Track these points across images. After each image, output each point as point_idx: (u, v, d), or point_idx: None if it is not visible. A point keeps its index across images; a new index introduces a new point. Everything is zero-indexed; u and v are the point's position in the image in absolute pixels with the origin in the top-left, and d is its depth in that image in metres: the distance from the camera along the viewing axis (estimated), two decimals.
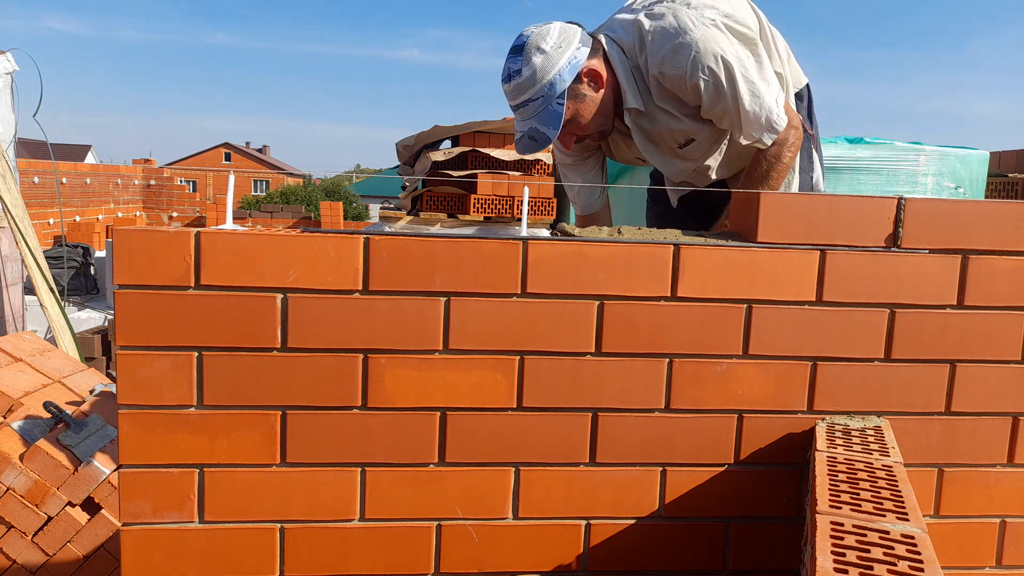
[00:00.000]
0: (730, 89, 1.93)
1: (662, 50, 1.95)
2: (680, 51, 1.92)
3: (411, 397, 1.37)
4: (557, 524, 1.43)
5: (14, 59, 5.87)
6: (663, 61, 1.96)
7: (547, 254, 1.36)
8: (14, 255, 5.82)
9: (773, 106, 1.98)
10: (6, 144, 5.60)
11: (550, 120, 2.01)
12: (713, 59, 1.91)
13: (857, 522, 1.10)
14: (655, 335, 1.40)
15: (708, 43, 1.91)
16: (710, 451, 1.44)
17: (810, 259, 1.41)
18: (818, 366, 1.44)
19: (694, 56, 1.91)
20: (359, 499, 1.39)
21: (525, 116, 2.04)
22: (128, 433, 1.31)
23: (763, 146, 2.03)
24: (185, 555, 1.36)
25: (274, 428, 1.35)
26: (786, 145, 2.04)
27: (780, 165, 2.05)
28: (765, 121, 1.97)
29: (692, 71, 1.92)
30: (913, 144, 3.64)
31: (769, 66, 2.03)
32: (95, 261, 9.25)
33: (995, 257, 1.44)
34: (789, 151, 2.05)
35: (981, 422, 1.50)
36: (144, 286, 1.28)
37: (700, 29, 1.92)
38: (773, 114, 1.98)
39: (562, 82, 1.97)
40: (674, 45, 1.93)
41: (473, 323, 1.36)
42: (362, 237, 1.32)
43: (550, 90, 1.97)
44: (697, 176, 2.29)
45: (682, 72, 1.94)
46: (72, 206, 12.92)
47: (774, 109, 1.98)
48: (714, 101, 1.96)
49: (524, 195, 2.58)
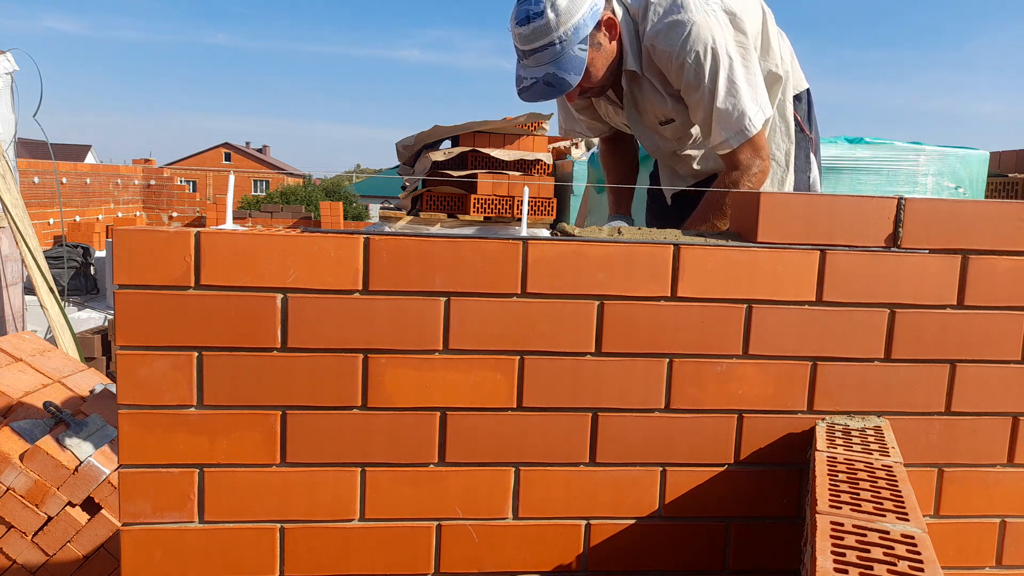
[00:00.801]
0: (710, 82, 1.92)
1: (660, 23, 1.94)
2: (675, 29, 1.92)
3: (411, 397, 1.37)
4: (557, 524, 1.43)
5: (14, 59, 5.87)
6: (658, 34, 1.95)
7: (547, 254, 1.36)
8: (14, 255, 5.82)
9: (748, 109, 1.93)
10: (6, 144, 5.60)
11: (571, 66, 1.95)
12: (703, 46, 1.90)
13: (857, 522, 1.10)
14: (655, 335, 1.40)
15: (704, 30, 1.90)
16: (710, 451, 1.44)
17: (810, 259, 1.41)
18: (818, 366, 1.44)
19: (686, 37, 1.90)
20: (359, 499, 1.39)
21: (541, 62, 1.96)
22: (128, 433, 1.31)
23: (729, 149, 1.97)
24: (185, 555, 1.36)
25: (274, 428, 1.35)
26: (748, 173, 1.98)
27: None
28: (736, 121, 1.93)
29: (680, 51, 1.91)
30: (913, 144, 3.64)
31: (758, 72, 2.00)
32: (95, 261, 9.25)
33: (995, 257, 1.44)
34: (749, 182, 1.99)
35: (981, 422, 1.50)
36: (144, 286, 1.28)
37: (701, 14, 1.91)
38: (746, 118, 1.93)
39: (585, 27, 1.92)
40: (672, 21, 1.92)
41: (473, 323, 1.36)
42: (362, 237, 1.32)
43: (573, 34, 1.92)
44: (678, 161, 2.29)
45: (671, 50, 1.93)
46: (72, 206, 12.92)
47: (748, 113, 1.93)
48: (692, 87, 1.95)
49: (524, 195, 2.58)
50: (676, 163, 2.29)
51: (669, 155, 2.28)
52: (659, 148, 2.25)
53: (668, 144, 2.22)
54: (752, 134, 1.95)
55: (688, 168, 2.29)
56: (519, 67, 2.03)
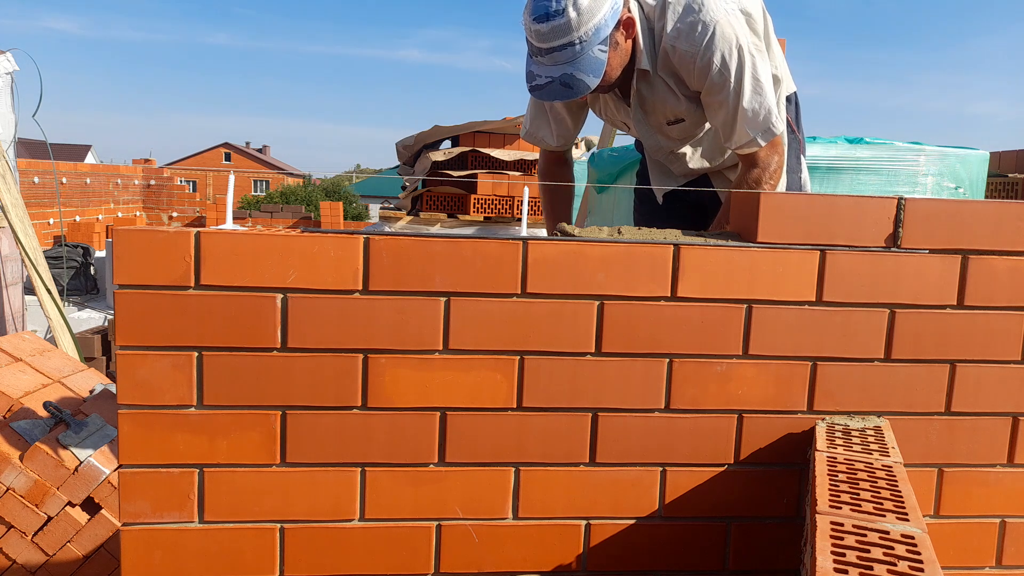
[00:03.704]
0: (735, 82, 1.90)
1: (681, 23, 1.91)
2: (697, 29, 1.89)
3: (411, 397, 1.37)
4: (557, 524, 1.43)
5: (14, 59, 5.87)
6: (679, 35, 1.92)
7: (547, 254, 1.36)
8: (14, 255, 5.82)
9: (773, 107, 1.94)
10: (6, 144, 5.60)
11: (591, 67, 1.89)
12: (727, 46, 1.88)
13: (857, 522, 1.10)
14: (655, 335, 1.40)
15: (727, 29, 1.88)
16: (710, 451, 1.44)
17: (810, 259, 1.41)
18: (818, 366, 1.44)
19: (711, 37, 1.88)
20: (359, 499, 1.39)
21: (557, 61, 1.89)
22: (128, 433, 1.31)
23: (756, 148, 1.97)
24: (185, 555, 1.36)
25: (274, 428, 1.35)
26: (768, 171, 1.99)
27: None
28: (764, 120, 1.94)
29: (705, 52, 1.89)
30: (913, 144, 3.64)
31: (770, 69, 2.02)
32: (95, 261, 9.26)
33: (995, 257, 1.44)
34: (770, 180, 1.99)
35: (981, 422, 1.50)
36: (144, 286, 1.28)
37: (722, 13, 1.89)
38: (772, 115, 1.94)
39: (606, 27, 1.86)
40: (692, 21, 1.89)
41: (473, 323, 1.36)
42: (362, 237, 1.32)
43: (594, 35, 1.85)
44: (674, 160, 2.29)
45: (694, 50, 1.91)
46: (72, 206, 12.92)
47: (773, 111, 1.94)
48: (716, 88, 1.93)
49: (524, 195, 2.58)
50: (672, 162, 2.29)
51: (667, 153, 2.27)
52: (660, 147, 2.25)
53: (670, 143, 2.22)
54: (779, 132, 1.96)
55: (683, 167, 2.29)
56: (531, 63, 1.96)
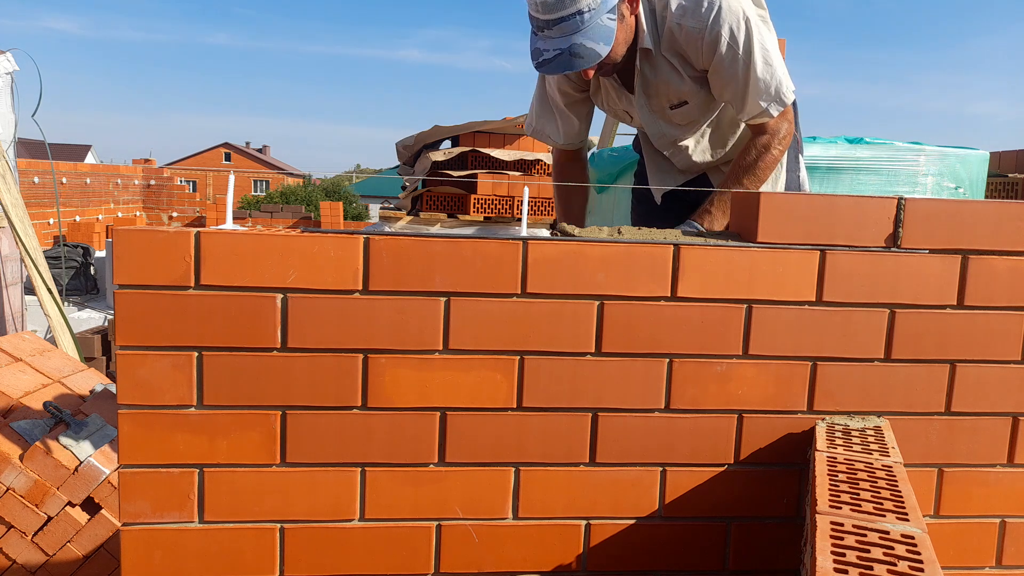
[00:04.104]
0: (744, 55, 1.91)
1: (686, 1, 1.92)
2: (703, 6, 1.90)
3: (411, 397, 1.37)
4: (557, 524, 1.43)
5: (14, 59, 5.87)
6: (684, 12, 1.93)
7: (547, 254, 1.36)
8: (14, 255, 5.82)
9: (783, 77, 1.95)
10: (6, 144, 5.60)
11: (600, 35, 1.88)
12: (735, 18, 1.89)
13: (857, 522, 1.10)
14: (655, 335, 1.40)
15: (732, 2, 1.89)
16: (710, 451, 1.44)
17: (810, 259, 1.41)
18: (818, 366, 1.44)
19: (717, 12, 1.89)
20: (359, 499, 1.39)
21: (565, 32, 1.89)
22: (128, 433, 1.31)
23: (768, 118, 1.98)
24: (185, 555, 1.36)
25: (274, 428, 1.35)
26: (777, 136, 2.01)
27: (769, 156, 2.01)
28: (775, 91, 1.94)
29: (713, 26, 1.90)
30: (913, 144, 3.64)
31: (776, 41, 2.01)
32: (95, 261, 9.26)
33: (995, 257, 1.44)
34: (779, 145, 2.02)
35: (981, 422, 1.50)
36: (144, 286, 1.28)
37: None
38: (783, 85, 1.95)
39: None
40: None
41: (473, 323, 1.36)
42: (362, 237, 1.32)
43: (603, 3, 1.86)
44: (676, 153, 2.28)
45: (702, 26, 1.91)
46: (72, 206, 12.92)
47: (784, 80, 1.95)
48: (725, 62, 1.93)
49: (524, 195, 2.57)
50: (674, 155, 2.28)
51: (670, 144, 2.26)
52: (664, 136, 2.23)
53: (673, 131, 2.21)
54: (789, 102, 1.97)
55: (686, 160, 2.28)
56: (536, 40, 1.96)
